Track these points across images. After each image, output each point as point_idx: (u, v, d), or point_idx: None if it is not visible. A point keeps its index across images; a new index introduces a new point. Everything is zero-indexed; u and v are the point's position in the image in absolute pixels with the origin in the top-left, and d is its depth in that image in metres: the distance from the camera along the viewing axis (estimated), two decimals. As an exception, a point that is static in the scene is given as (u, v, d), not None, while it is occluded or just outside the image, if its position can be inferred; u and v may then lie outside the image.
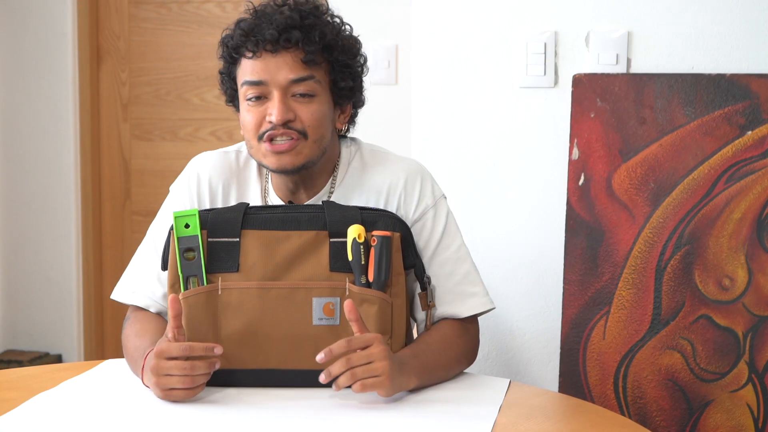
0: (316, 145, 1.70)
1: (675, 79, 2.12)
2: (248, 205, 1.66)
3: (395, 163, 1.80)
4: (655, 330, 2.11)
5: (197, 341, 1.57)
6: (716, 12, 2.18)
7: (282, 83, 1.68)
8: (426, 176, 1.80)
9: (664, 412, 2.11)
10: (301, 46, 1.67)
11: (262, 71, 1.68)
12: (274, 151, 1.68)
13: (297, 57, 1.68)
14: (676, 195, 2.10)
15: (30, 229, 3.76)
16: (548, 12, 2.27)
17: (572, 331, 2.15)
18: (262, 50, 1.68)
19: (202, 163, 1.81)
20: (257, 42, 1.68)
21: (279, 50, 1.68)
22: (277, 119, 1.67)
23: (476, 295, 1.75)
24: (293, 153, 1.68)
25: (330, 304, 1.60)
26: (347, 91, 1.75)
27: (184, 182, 1.81)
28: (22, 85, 3.70)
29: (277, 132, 1.68)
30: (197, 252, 1.62)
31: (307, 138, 1.69)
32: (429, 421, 1.48)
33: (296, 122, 1.68)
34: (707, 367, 2.09)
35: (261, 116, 1.69)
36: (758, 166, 2.07)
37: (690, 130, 2.11)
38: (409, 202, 1.76)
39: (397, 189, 1.76)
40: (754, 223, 2.07)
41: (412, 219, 1.75)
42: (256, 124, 1.70)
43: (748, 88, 2.08)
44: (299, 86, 1.68)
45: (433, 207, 1.77)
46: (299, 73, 1.68)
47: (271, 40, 1.67)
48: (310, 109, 1.69)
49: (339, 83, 1.73)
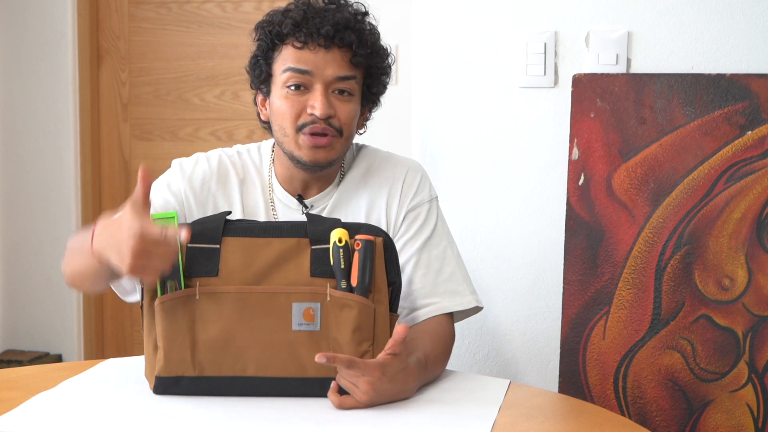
0: (347, 143, 1.76)
1: (675, 79, 2.12)
2: (229, 212, 1.64)
3: (398, 161, 1.85)
4: (655, 330, 2.11)
5: (173, 347, 1.54)
6: (716, 12, 2.18)
7: (328, 78, 1.72)
8: (426, 176, 1.85)
9: (664, 412, 2.11)
10: (353, 48, 1.72)
11: (309, 62, 1.71)
12: (313, 144, 1.71)
13: (345, 56, 1.73)
14: (676, 195, 2.11)
15: (30, 229, 3.76)
16: (548, 12, 2.27)
17: (572, 331, 2.15)
18: (314, 43, 1.71)
19: (212, 157, 1.82)
20: (310, 34, 1.71)
21: (331, 47, 1.71)
22: (321, 113, 1.70)
23: (462, 294, 1.77)
24: (328, 149, 1.73)
25: (310, 309, 1.56)
26: (376, 96, 1.81)
27: (192, 167, 1.81)
28: (22, 85, 3.70)
29: (318, 126, 1.71)
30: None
31: (341, 135, 1.74)
32: (429, 421, 1.48)
33: (335, 119, 1.72)
34: (707, 367, 2.09)
35: (301, 106, 1.72)
36: (758, 166, 2.07)
37: (690, 130, 2.11)
38: (408, 191, 1.81)
39: (399, 180, 1.81)
40: (754, 223, 2.07)
41: (408, 207, 1.80)
42: (296, 113, 1.72)
43: (748, 88, 2.08)
44: (342, 84, 1.73)
45: (428, 202, 1.82)
46: (345, 72, 1.73)
47: (326, 35, 1.70)
48: (348, 108, 1.74)
49: (372, 88, 1.79)
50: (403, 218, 1.81)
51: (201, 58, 3.66)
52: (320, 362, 1.48)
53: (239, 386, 1.56)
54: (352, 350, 1.54)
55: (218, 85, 3.61)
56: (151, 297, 1.58)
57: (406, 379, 1.55)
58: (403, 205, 1.80)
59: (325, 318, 1.56)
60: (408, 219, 1.80)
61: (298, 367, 1.55)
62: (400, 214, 1.81)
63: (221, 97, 3.60)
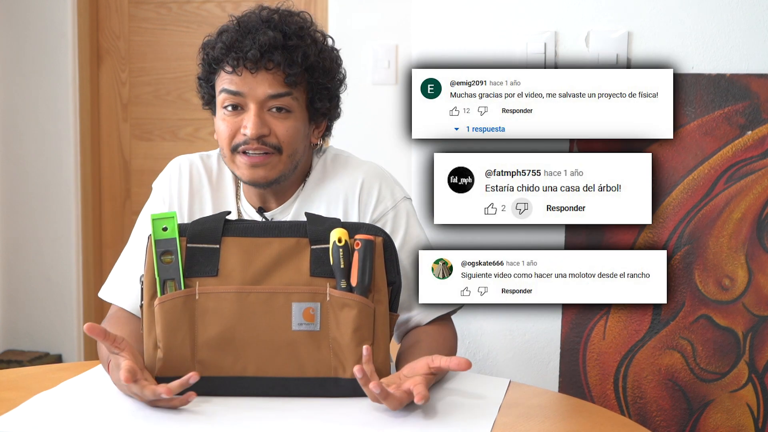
0: (290, 160, 1.73)
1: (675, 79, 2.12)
2: (229, 212, 1.65)
3: (354, 167, 1.81)
4: (655, 330, 2.11)
5: (174, 348, 1.54)
6: (716, 12, 2.18)
7: (260, 98, 1.70)
8: (386, 179, 1.81)
9: (664, 412, 2.11)
10: (282, 69, 1.69)
11: (240, 84, 1.70)
12: (248, 164, 1.70)
13: (277, 76, 1.70)
14: (676, 195, 2.11)
15: (30, 229, 3.76)
16: (548, 12, 2.27)
17: (572, 331, 2.15)
18: (242, 66, 1.69)
19: (183, 164, 1.84)
20: (238, 59, 1.69)
21: (259, 69, 1.69)
22: (252, 133, 1.69)
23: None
24: (267, 167, 1.71)
25: (310, 309, 1.56)
26: (323, 111, 1.77)
27: (165, 180, 1.84)
28: (22, 85, 3.70)
29: (251, 146, 1.70)
30: (175, 255, 1.58)
31: (281, 153, 1.71)
32: (429, 421, 1.48)
33: (271, 137, 1.70)
34: (707, 367, 2.09)
35: (236, 127, 1.71)
36: (758, 166, 2.07)
37: (690, 130, 2.11)
38: (366, 203, 1.78)
39: (355, 192, 1.78)
40: (754, 223, 2.07)
41: (370, 220, 1.77)
42: (231, 134, 1.71)
43: (748, 88, 2.08)
44: (276, 101, 1.70)
45: (393, 209, 1.79)
46: (277, 90, 1.70)
47: (252, 59, 1.68)
48: (285, 125, 1.71)
49: (316, 103, 1.75)
50: None
51: (201, 58, 3.66)
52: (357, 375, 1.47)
53: (239, 386, 1.56)
54: (352, 350, 1.54)
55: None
56: (150, 297, 1.58)
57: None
58: (365, 218, 1.77)
59: (325, 318, 1.56)
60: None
61: (298, 367, 1.55)
62: None
63: (221, 97, 3.59)
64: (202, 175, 1.83)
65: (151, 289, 1.58)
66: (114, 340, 1.52)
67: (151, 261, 1.58)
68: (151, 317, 1.57)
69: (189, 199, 1.81)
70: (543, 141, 1.68)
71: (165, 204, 1.82)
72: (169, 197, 1.82)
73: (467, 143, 1.69)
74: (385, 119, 3.16)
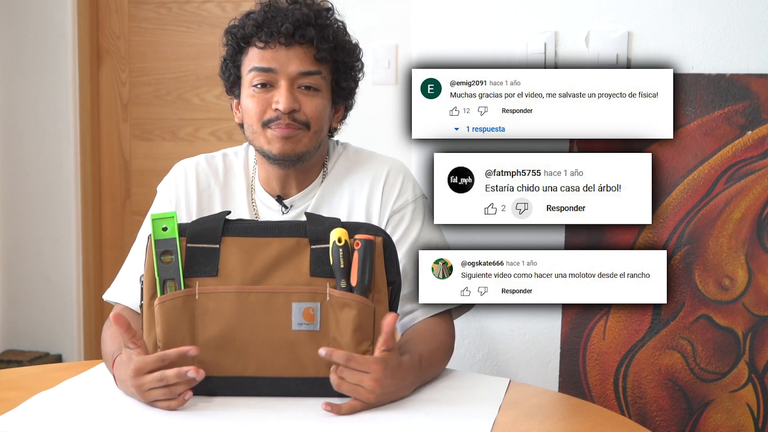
0: (316, 136, 1.77)
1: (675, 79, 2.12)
2: (229, 212, 1.65)
3: (381, 161, 1.86)
4: (655, 330, 2.11)
5: (173, 347, 1.54)
6: (716, 12, 2.18)
7: (291, 74, 1.75)
8: (408, 175, 1.86)
9: (664, 412, 2.11)
10: (315, 43, 1.75)
11: (272, 60, 1.75)
12: (280, 136, 1.74)
13: (309, 52, 1.76)
14: (676, 195, 2.11)
15: (30, 229, 3.76)
16: (548, 12, 2.27)
17: (572, 331, 2.15)
18: (275, 42, 1.75)
19: (189, 165, 1.87)
20: (271, 33, 1.75)
21: (292, 44, 1.75)
22: (284, 107, 1.73)
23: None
24: (294, 140, 1.75)
25: (310, 309, 1.56)
26: (347, 92, 1.83)
27: (171, 182, 1.86)
28: (22, 85, 3.70)
29: (282, 121, 1.74)
30: (175, 255, 1.58)
31: (309, 129, 1.76)
32: (429, 421, 1.48)
33: (300, 113, 1.75)
34: (707, 367, 2.09)
35: (266, 103, 1.75)
36: (758, 166, 2.07)
37: (690, 130, 2.11)
38: (390, 193, 1.82)
39: (380, 181, 1.82)
40: (754, 223, 2.07)
41: (391, 210, 1.81)
42: (261, 110, 1.76)
43: (748, 88, 2.08)
44: (306, 79, 1.76)
45: (413, 202, 1.83)
46: (308, 67, 1.76)
47: (285, 33, 1.74)
48: (314, 102, 1.76)
49: (341, 83, 1.81)
50: (387, 221, 1.81)
51: (201, 58, 3.66)
52: (321, 355, 1.49)
53: (239, 386, 1.56)
54: (352, 350, 1.54)
55: (218, 85, 3.57)
56: (150, 297, 1.58)
57: (403, 375, 1.55)
58: (386, 208, 1.81)
59: (325, 318, 1.56)
60: (392, 222, 1.81)
61: (298, 366, 1.55)
62: (383, 216, 1.81)
63: (221, 97, 3.59)
64: (208, 174, 1.85)
65: (151, 289, 1.58)
66: (134, 335, 1.54)
67: (150, 261, 1.58)
68: (151, 317, 1.57)
69: (197, 198, 1.83)
70: (543, 141, 1.69)
71: (172, 205, 1.84)
72: (176, 198, 1.84)
73: (467, 143, 1.69)
74: (385, 119, 3.16)
